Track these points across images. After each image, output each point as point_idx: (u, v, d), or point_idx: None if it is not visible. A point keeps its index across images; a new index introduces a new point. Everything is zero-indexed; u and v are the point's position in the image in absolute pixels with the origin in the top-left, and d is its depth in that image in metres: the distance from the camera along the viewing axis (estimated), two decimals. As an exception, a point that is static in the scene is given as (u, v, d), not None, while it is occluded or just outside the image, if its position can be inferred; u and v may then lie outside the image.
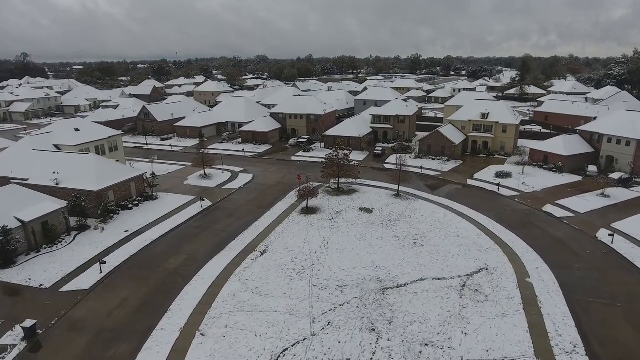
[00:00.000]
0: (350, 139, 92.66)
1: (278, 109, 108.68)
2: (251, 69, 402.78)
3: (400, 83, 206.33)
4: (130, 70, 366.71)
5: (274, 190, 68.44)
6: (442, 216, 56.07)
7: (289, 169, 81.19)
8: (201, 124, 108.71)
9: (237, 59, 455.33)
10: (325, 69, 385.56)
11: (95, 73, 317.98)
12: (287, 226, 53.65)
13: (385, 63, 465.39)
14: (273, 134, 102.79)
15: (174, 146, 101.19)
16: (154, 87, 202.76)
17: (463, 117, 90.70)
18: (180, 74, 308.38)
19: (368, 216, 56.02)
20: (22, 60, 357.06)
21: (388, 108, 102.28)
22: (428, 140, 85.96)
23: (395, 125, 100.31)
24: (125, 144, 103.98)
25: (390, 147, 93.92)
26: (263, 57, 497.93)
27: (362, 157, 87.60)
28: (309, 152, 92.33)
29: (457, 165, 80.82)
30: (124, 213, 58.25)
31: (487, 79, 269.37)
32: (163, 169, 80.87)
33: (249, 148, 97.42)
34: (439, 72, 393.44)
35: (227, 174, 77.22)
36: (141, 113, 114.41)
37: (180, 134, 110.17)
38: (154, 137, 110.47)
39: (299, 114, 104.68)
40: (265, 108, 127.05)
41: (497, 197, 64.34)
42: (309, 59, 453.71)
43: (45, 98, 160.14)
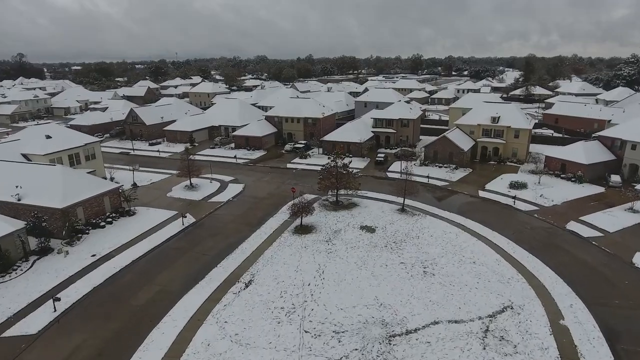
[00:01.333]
0: (350, 145, 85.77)
1: (274, 112, 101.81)
2: (250, 69, 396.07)
3: (402, 84, 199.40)
4: (128, 71, 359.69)
5: (266, 203, 61.54)
6: (454, 236, 49.13)
7: (284, 178, 74.29)
8: (192, 127, 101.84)
9: (237, 59, 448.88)
10: (325, 69, 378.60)
11: (92, 74, 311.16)
12: (277, 249, 46.74)
13: (386, 63, 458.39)
14: (268, 138, 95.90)
15: (162, 152, 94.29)
16: (149, 88, 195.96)
17: (472, 121, 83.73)
18: (177, 75, 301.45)
19: (370, 236, 49.11)
20: (18, 60, 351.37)
21: (391, 111, 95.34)
22: (434, 146, 78.98)
23: (398, 129, 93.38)
24: (110, 150, 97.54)
25: (393, 154, 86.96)
26: (263, 57, 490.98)
27: (363, 165, 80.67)
28: (305, 159, 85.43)
29: (467, 174, 73.82)
30: (94, 232, 51.39)
31: (490, 79, 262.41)
32: (146, 178, 74.01)
33: (242, 154, 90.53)
34: (441, 72, 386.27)
35: (215, 184, 70.33)
36: (129, 116, 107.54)
37: (169, 138, 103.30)
38: (142, 142, 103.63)
39: (295, 118, 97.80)
40: (261, 111, 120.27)
41: (513, 212, 57.39)
42: (309, 59, 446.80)
43: (34, 100, 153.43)
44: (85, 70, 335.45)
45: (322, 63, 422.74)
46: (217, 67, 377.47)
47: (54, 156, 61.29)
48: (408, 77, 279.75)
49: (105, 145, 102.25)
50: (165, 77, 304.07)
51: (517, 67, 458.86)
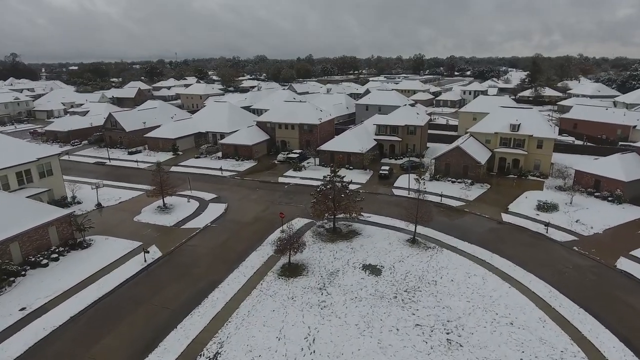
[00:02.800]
0: (350, 155, 75.39)
1: (266, 117, 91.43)
2: (249, 70, 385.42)
3: (405, 85, 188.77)
4: (124, 71, 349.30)
5: (250, 231, 51.20)
6: (480, 281, 38.78)
7: (274, 195, 63.94)
8: (176, 134, 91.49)
9: (236, 59, 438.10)
10: (325, 70, 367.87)
11: (86, 74, 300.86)
12: (257, 301, 36.42)
13: (387, 63, 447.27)
14: (259, 147, 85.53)
15: (141, 162, 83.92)
16: (139, 89, 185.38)
17: (488, 129, 73.32)
18: (172, 75, 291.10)
19: (375, 281, 38.78)
20: (11, 60, 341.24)
21: (395, 116, 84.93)
22: (446, 158, 68.55)
23: (404, 137, 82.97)
24: (84, 160, 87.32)
25: (399, 165, 76.55)
26: (262, 57, 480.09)
27: (365, 178, 70.28)
28: (300, 171, 75.02)
29: (485, 191, 63.40)
30: (33, 274, 41.13)
31: (495, 80, 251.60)
32: (115, 195, 63.74)
33: (230, 165, 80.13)
34: (443, 72, 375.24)
35: (193, 204, 60.00)
36: (107, 121, 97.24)
37: (151, 146, 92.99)
38: (122, 150, 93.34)
39: (290, 124, 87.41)
40: (254, 115, 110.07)
41: (547, 244, 46.99)
42: (308, 59, 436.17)
43: (14, 102, 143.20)
44: (79, 71, 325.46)
45: (322, 63, 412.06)
46: (215, 68, 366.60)
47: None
48: (410, 78, 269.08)
49: (80, 154, 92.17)
50: (161, 77, 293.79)
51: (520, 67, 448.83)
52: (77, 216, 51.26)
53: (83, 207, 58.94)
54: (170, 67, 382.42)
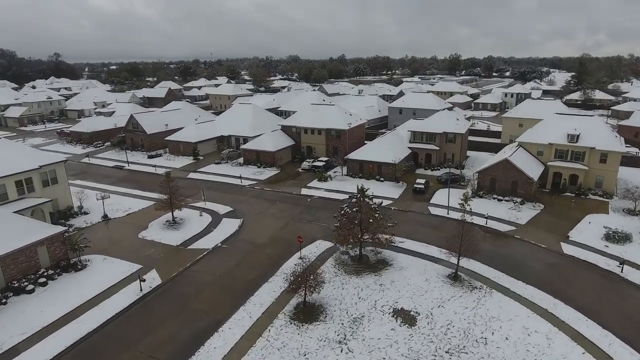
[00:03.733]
0: (381, 166, 67.51)
1: (291, 121, 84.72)
2: (281, 69, 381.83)
3: (442, 86, 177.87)
4: (159, 71, 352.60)
5: (264, 254, 44.44)
6: (544, 341, 30.35)
7: (296, 210, 56.99)
8: (197, 137, 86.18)
9: (269, 59, 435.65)
10: (358, 70, 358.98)
11: (123, 73, 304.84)
12: (261, 355, 29.47)
13: (422, 63, 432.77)
14: (283, 153, 78.87)
15: (159, 167, 79.01)
16: (169, 89, 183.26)
17: (540, 139, 63.73)
18: (204, 75, 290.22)
19: (408, 335, 31.09)
20: (54, 60, 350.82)
21: (433, 122, 76.25)
22: (492, 171, 59.59)
23: (442, 145, 74.26)
24: (103, 163, 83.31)
25: (436, 178, 67.98)
26: (295, 57, 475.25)
27: (398, 193, 62.27)
28: (326, 182, 67.76)
29: (538, 213, 54.13)
30: (15, 302, 35.86)
31: (538, 81, 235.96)
32: (125, 206, 58.53)
33: (250, 172, 73.86)
34: (480, 73, 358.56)
35: (205, 219, 53.89)
36: (129, 123, 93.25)
37: (171, 149, 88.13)
38: (142, 154, 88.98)
39: (316, 129, 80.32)
40: (280, 118, 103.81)
41: (623, 288, 37.78)
42: (341, 59, 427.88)
43: (47, 101, 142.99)
44: (117, 70, 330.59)
45: (354, 63, 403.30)
46: (247, 67, 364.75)
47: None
48: (446, 79, 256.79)
49: (100, 157, 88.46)
50: (194, 77, 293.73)
51: (563, 67, 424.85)
52: (74, 234, 45.93)
53: (89, 219, 53.98)
54: (204, 67, 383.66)
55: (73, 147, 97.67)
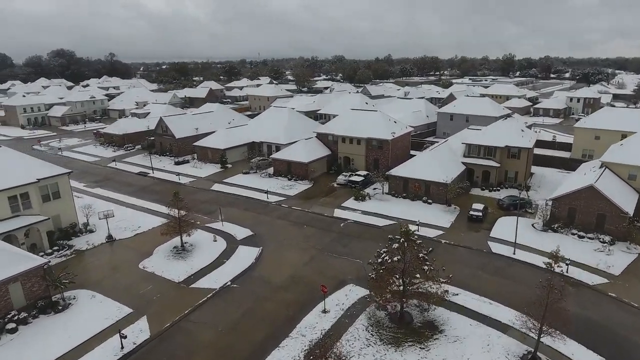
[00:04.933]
0: (429, 185, 56.68)
1: (327, 128, 75.32)
2: (325, 70, 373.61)
3: (497, 89, 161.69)
4: (205, 70, 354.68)
5: (279, 302, 35.38)
6: None
7: (326, 237, 47.60)
8: (226, 143, 78.74)
9: (314, 59, 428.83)
10: (404, 70, 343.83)
11: (171, 73, 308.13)
12: None
13: (472, 64, 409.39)
14: (317, 164, 69.67)
15: (183, 176, 72.18)
16: (210, 89, 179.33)
17: (633, 159, 50.51)
18: (249, 75, 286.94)
19: None
20: (109, 59, 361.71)
21: (492, 133, 64.17)
22: (570, 200, 47.28)
23: (503, 161, 62.20)
24: (129, 168, 77.78)
25: (496, 203, 56.22)
26: (340, 57, 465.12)
27: (449, 221, 51.28)
28: (363, 201, 57.80)
29: (636, 258, 41.54)
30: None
31: (604, 84, 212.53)
32: (135, 223, 51.54)
33: (279, 186, 65.23)
34: (537, 74, 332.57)
35: (220, 245, 45.68)
36: (158, 126, 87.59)
37: (199, 156, 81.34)
38: (171, 159, 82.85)
39: (355, 138, 70.46)
40: (317, 123, 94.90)
41: None
42: (387, 60, 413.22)
43: (90, 101, 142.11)
44: (166, 70, 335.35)
45: (400, 63, 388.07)
46: (292, 68, 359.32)
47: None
48: (500, 80, 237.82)
49: (127, 161, 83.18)
50: (238, 77, 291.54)
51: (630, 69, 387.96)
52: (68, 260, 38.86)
53: (93, 239, 47.31)
54: (250, 67, 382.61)
55: (104, 150, 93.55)
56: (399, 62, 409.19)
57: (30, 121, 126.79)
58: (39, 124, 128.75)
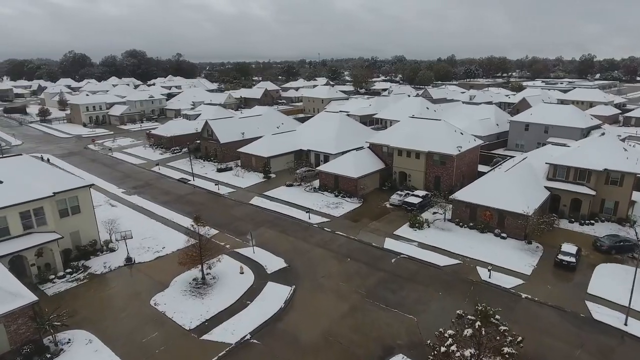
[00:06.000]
0: (504, 215, 45.77)
1: (381, 138, 66.00)
2: (385, 71, 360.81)
3: (578, 94, 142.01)
4: (266, 70, 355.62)
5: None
6: None
7: (371, 277, 38.82)
8: (270, 151, 72.01)
9: (374, 60, 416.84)
10: (469, 72, 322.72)
11: (232, 72, 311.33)
12: None
13: (544, 65, 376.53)
14: (368, 180, 60.75)
15: (222, 185, 66.34)
16: (266, 89, 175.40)
17: None
18: (307, 75, 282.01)
19: None
20: (176, 59, 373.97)
21: (586, 151, 51.53)
22: None
23: (599, 188, 49.55)
24: (170, 173, 73.51)
25: (591, 243, 44.10)
26: (400, 57, 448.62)
27: (530, 265, 40.32)
28: (421, 230, 48.11)
29: None
30: None
31: None
32: (160, 242, 45.75)
33: (325, 203, 57.17)
34: (621, 77, 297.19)
35: (246, 279, 38.45)
36: (204, 129, 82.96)
37: (243, 163, 75.38)
38: (214, 165, 77.78)
39: (414, 151, 60.64)
40: (372, 131, 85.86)
41: None
42: (450, 60, 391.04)
43: (149, 100, 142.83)
44: (226, 69, 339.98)
45: (465, 64, 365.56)
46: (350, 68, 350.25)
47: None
48: (577, 84, 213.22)
49: (172, 165, 79.21)
50: (297, 77, 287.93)
51: None
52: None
53: (111, 260, 42.04)
54: (309, 67, 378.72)
55: (152, 152, 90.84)
56: (462, 63, 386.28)
57: (91, 119, 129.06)
58: (99, 123, 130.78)
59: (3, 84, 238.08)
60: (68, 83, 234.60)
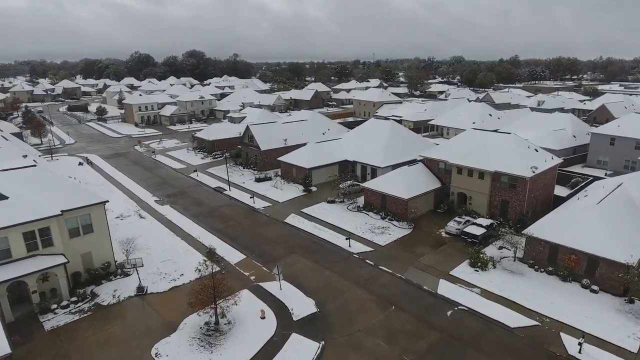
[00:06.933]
0: (597, 262, 35.43)
1: (438, 153, 56.75)
2: (442, 72, 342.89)
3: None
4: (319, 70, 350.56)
5: None
6: None
7: (423, 338, 30.57)
8: (312, 161, 65.07)
9: (431, 60, 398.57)
10: (534, 74, 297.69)
11: (285, 73, 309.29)
12: None
13: (621, 66, 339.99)
14: (421, 201, 51.94)
15: (259, 198, 60.33)
16: (316, 91, 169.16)
17: None
18: (360, 76, 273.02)
19: None
20: (232, 59, 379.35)
21: None
22: None
23: None
24: (208, 180, 68.90)
25: None
26: (458, 57, 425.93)
27: (636, 338, 30.08)
28: (485, 270, 38.90)
29: None
30: None
31: None
32: (178, 269, 40.14)
33: (369, 226, 49.27)
34: None
35: (267, 327, 31.60)
36: (245, 135, 77.73)
37: (284, 173, 69.12)
38: (253, 173, 72.30)
39: (477, 169, 50.95)
40: (427, 140, 76.56)
41: None
42: (513, 61, 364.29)
43: (199, 101, 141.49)
44: (280, 70, 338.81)
45: (529, 65, 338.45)
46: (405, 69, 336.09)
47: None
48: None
49: (210, 172, 74.77)
50: (350, 78, 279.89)
51: None
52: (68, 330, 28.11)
53: (123, 287, 36.98)
54: (362, 68, 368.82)
55: (193, 155, 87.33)
56: (527, 64, 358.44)
57: (143, 119, 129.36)
58: (150, 123, 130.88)
59: (72, 82, 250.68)
60: (131, 82, 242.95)
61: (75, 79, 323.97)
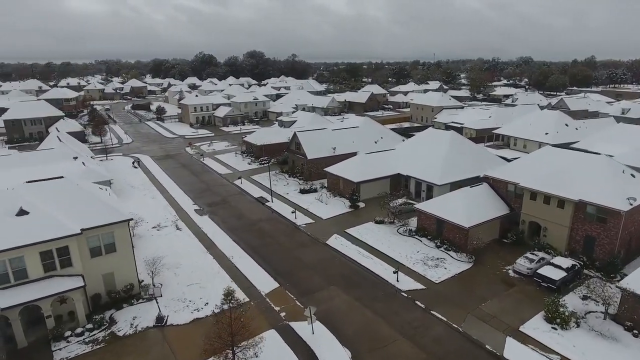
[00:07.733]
0: None
1: (507, 174, 48.32)
2: (507, 73, 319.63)
3: None
4: (377, 71, 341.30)
5: None
6: None
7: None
8: (360, 175, 59.00)
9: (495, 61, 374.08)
10: (613, 76, 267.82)
11: (342, 73, 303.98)
12: None
13: None
14: (484, 229, 44.10)
15: (301, 213, 55.34)
16: (372, 93, 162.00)
17: None
18: (418, 78, 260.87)
19: None
20: (291, 59, 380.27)
21: None
22: None
23: None
24: (253, 190, 65.29)
25: None
26: (526, 58, 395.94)
27: None
28: (566, 328, 30.91)
29: None
30: None
31: None
32: (206, 292, 36.14)
33: (420, 256, 42.52)
34: None
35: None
36: (292, 141, 73.29)
37: (330, 185, 63.71)
38: (298, 183, 67.72)
39: (555, 196, 42.19)
40: (492, 155, 67.78)
41: None
42: (589, 62, 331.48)
43: (252, 102, 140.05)
44: (337, 70, 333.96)
45: (607, 67, 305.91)
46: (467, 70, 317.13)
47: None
48: None
49: (255, 179, 71.30)
50: (407, 79, 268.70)
51: None
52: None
53: (142, 316, 33.44)
54: (422, 69, 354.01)
55: (241, 160, 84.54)
56: (604, 66, 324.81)
57: (198, 120, 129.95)
58: (205, 123, 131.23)
59: (139, 81, 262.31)
60: (193, 82, 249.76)
61: (144, 78, 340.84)
